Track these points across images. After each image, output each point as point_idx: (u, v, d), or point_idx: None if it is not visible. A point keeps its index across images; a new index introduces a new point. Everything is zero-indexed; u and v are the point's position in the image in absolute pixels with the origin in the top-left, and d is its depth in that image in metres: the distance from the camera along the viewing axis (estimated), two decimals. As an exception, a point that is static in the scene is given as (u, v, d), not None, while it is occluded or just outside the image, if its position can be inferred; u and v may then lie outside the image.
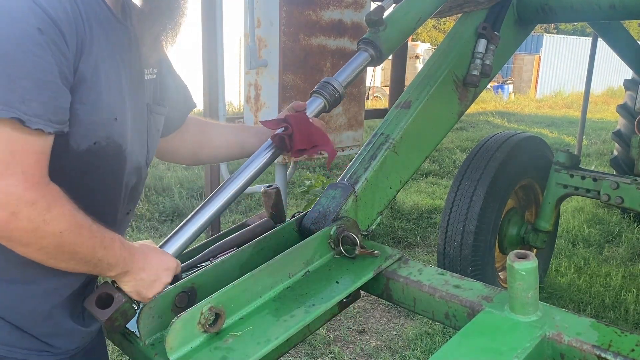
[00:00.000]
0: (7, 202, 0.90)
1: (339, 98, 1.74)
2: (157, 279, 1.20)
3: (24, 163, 0.92)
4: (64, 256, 1.01)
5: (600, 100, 17.29)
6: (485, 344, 1.23)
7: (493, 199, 3.15)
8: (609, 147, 8.85)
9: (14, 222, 0.91)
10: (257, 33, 3.72)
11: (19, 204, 0.91)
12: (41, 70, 0.92)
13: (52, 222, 0.95)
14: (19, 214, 0.91)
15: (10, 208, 0.90)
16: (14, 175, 0.91)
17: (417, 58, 17.75)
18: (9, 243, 0.95)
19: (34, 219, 0.93)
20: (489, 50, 2.35)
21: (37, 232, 0.94)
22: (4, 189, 0.90)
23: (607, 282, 3.93)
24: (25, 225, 0.92)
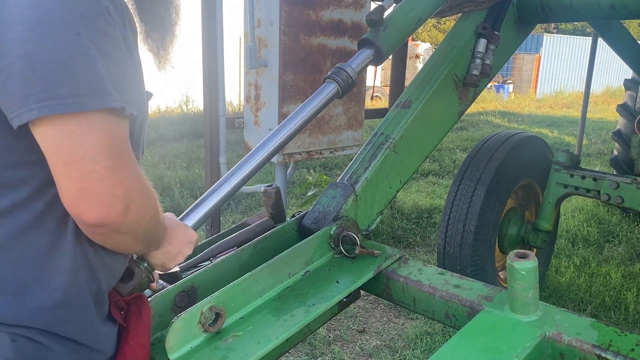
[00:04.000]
0: (125, 195, 0.89)
1: (352, 84, 1.73)
2: (180, 251, 1.20)
3: (127, 151, 0.90)
4: (146, 240, 1.02)
5: (601, 100, 17.29)
6: (485, 343, 1.23)
7: (493, 198, 3.15)
8: (609, 147, 8.84)
9: (127, 215, 0.90)
10: (257, 33, 3.72)
11: (133, 195, 0.90)
12: (117, 51, 0.90)
13: (149, 210, 0.97)
14: (131, 205, 0.90)
15: (126, 201, 0.89)
16: (123, 165, 0.89)
17: (417, 58, 17.74)
18: (112, 235, 0.94)
19: (140, 209, 0.93)
20: (489, 50, 2.35)
21: (140, 221, 0.94)
22: (120, 182, 0.88)
23: (607, 281, 3.93)
24: (134, 217, 0.92)
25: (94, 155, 0.85)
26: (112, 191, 0.87)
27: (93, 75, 0.85)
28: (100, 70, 0.85)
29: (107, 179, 0.86)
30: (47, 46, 0.83)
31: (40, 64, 0.82)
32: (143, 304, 1.18)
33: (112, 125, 0.87)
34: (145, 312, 1.17)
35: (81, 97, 0.83)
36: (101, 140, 0.86)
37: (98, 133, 0.86)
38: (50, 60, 0.83)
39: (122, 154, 0.89)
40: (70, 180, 0.86)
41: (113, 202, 0.88)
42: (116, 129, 0.88)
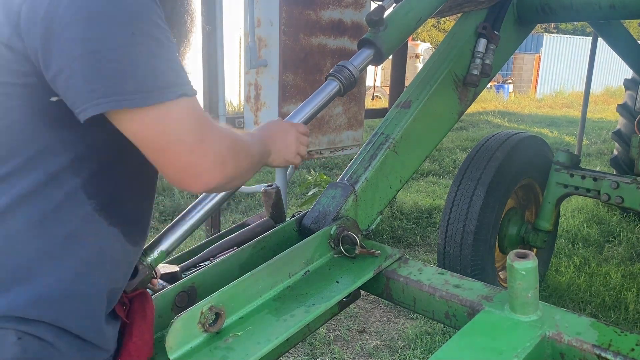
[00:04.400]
0: (216, 159, 0.99)
1: (354, 82, 1.73)
2: (286, 144, 1.38)
3: (206, 123, 0.99)
4: (253, 167, 1.18)
5: (600, 100, 17.28)
6: (485, 343, 1.23)
7: (493, 198, 3.15)
8: (609, 147, 8.84)
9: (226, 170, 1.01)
10: (257, 33, 3.72)
11: (223, 153, 1.01)
12: (169, 38, 0.95)
13: (241, 153, 1.09)
14: (226, 161, 1.01)
15: (219, 161, 0.99)
16: (207, 135, 0.97)
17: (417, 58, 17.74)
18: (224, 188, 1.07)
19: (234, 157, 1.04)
20: (489, 49, 2.35)
21: (238, 167, 1.06)
22: (209, 150, 0.97)
23: (607, 281, 3.93)
24: (232, 167, 1.03)
25: (179, 138, 0.93)
26: (206, 161, 0.97)
27: (153, 68, 0.90)
28: (159, 61, 0.91)
29: (198, 154, 0.96)
30: (105, 43, 0.86)
31: (101, 62, 0.86)
32: (146, 301, 1.19)
33: (183, 107, 0.94)
34: (148, 309, 1.18)
35: (145, 92, 0.89)
36: (180, 123, 0.94)
37: (175, 118, 0.93)
38: (111, 57, 0.86)
39: (202, 126, 0.97)
40: (168, 165, 0.96)
41: (211, 170, 0.98)
42: (188, 108, 0.95)
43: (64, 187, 0.97)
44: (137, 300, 1.18)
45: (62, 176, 0.96)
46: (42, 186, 0.95)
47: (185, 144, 0.94)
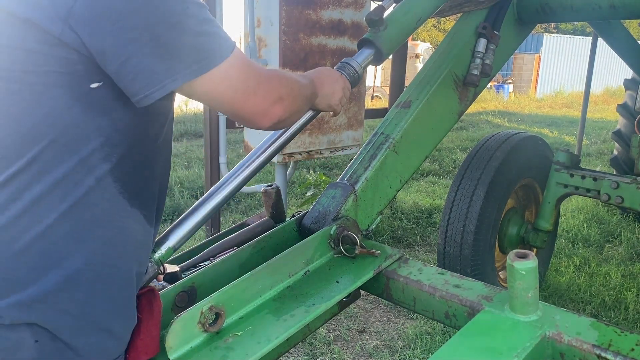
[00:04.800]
0: (273, 96, 1.14)
1: (358, 78, 1.74)
2: (333, 90, 1.51)
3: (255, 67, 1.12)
4: (306, 103, 1.35)
5: (600, 100, 17.28)
6: (485, 343, 1.23)
7: (493, 198, 3.15)
8: (609, 147, 8.84)
9: (284, 103, 1.17)
10: (257, 33, 3.72)
11: (278, 90, 1.16)
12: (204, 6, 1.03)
13: (293, 86, 1.23)
14: (282, 96, 1.16)
15: (277, 97, 1.15)
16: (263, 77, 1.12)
17: (417, 58, 17.74)
18: (283, 123, 1.21)
19: (289, 93, 1.19)
20: (489, 49, 2.35)
21: (294, 99, 1.22)
22: (267, 90, 1.12)
23: (607, 281, 3.93)
24: (288, 100, 1.18)
25: (245, 86, 1.08)
26: (268, 97, 1.13)
27: (209, 33, 1.00)
28: (210, 25, 1.01)
29: (259, 95, 1.11)
30: (168, 24, 0.95)
31: (169, 41, 0.95)
32: (154, 298, 1.20)
33: (237, 59, 1.06)
34: (156, 305, 1.19)
35: (210, 56, 1.01)
36: (241, 73, 1.07)
37: (236, 70, 1.06)
38: (175, 34, 0.96)
39: (254, 72, 1.10)
40: (241, 111, 1.11)
41: (272, 107, 1.14)
42: (240, 58, 1.07)
43: (95, 172, 0.99)
44: (145, 297, 1.19)
45: (93, 162, 0.99)
46: (75, 172, 0.97)
47: (250, 89, 1.08)
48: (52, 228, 0.97)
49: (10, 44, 0.92)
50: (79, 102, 0.95)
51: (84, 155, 0.98)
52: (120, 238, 1.05)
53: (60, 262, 0.98)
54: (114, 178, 1.02)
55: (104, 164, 1.00)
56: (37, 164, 0.95)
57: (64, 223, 0.97)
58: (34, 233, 0.96)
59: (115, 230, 1.04)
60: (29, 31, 0.90)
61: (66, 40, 0.91)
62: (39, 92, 0.93)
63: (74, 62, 0.93)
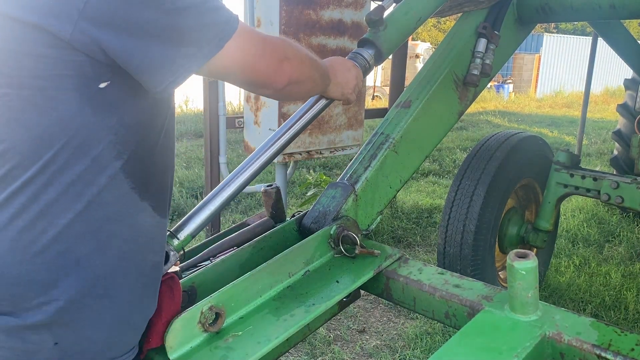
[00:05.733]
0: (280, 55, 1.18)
1: (369, 68, 1.75)
2: (347, 79, 1.51)
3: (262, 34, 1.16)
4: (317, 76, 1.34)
5: (600, 100, 17.28)
6: (485, 343, 1.23)
7: (493, 198, 3.15)
8: (609, 147, 8.84)
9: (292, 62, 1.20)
10: (257, 32, 3.72)
11: (282, 51, 1.19)
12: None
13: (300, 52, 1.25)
14: (288, 56, 1.20)
15: (283, 56, 1.18)
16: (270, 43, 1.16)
17: (417, 57, 17.73)
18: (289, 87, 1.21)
19: (295, 55, 1.22)
20: (489, 49, 2.35)
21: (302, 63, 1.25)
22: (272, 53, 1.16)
23: (607, 281, 3.93)
24: (296, 61, 1.22)
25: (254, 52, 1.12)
26: (275, 57, 1.17)
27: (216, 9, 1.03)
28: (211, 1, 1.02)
29: (267, 55, 1.15)
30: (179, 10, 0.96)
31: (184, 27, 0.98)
32: (175, 284, 1.24)
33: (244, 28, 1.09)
34: (176, 290, 1.23)
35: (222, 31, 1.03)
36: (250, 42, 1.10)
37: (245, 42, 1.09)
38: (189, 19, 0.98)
39: (259, 35, 1.14)
40: (257, 76, 1.15)
41: (281, 62, 1.18)
42: (246, 27, 1.10)
43: (107, 170, 1.01)
44: (166, 283, 1.22)
45: (105, 160, 1.00)
46: (88, 172, 0.99)
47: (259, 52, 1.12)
48: (69, 228, 0.98)
49: (19, 49, 0.92)
50: (89, 103, 0.97)
51: (96, 154, 0.99)
52: (134, 232, 1.07)
53: (78, 261, 1.00)
54: (126, 174, 1.03)
55: (116, 161, 1.01)
56: (51, 167, 0.96)
57: (79, 222, 0.99)
58: (51, 234, 0.97)
59: (129, 225, 1.06)
60: (38, 36, 0.91)
61: (75, 44, 0.91)
62: (51, 97, 0.94)
63: (83, 64, 0.94)
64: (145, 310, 1.14)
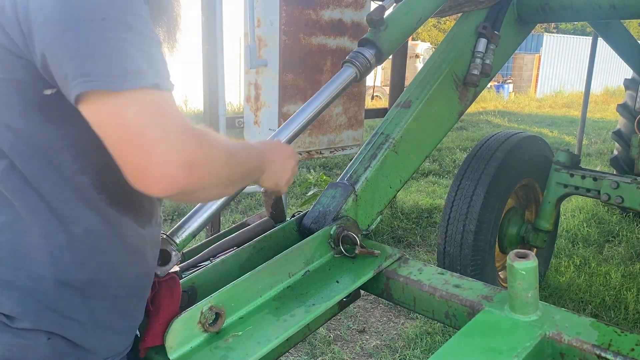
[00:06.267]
0: (181, 159, 0.88)
1: (370, 68, 1.75)
2: (284, 167, 1.27)
3: (175, 120, 0.90)
4: (235, 180, 1.07)
5: (601, 100, 17.28)
6: (485, 343, 1.23)
7: (493, 198, 3.15)
8: (609, 147, 8.84)
9: (193, 174, 0.90)
10: (257, 32, 3.72)
11: (191, 155, 0.90)
12: (150, 31, 0.91)
13: (218, 157, 0.98)
14: (195, 163, 0.90)
15: (185, 163, 0.89)
16: (173, 133, 0.88)
17: (417, 57, 17.73)
18: (191, 196, 0.97)
19: (207, 163, 0.94)
20: (489, 49, 2.35)
21: (211, 173, 0.96)
22: (172, 149, 0.87)
23: (607, 281, 3.93)
24: (203, 172, 0.93)
25: (140, 131, 0.86)
26: (167, 160, 0.87)
27: (123, 56, 0.86)
28: (130, 50, 0.86)
29: (157, 151, 0.86)
30: (76, 26, 0.84)
31: (70, 45, 0.84)
32: (175, 284, 1.23)
33: (150, 97, 0.88)
34: (176, 291, 1.22)
35: (113, 77, 0.84)
36: (144, 114, 0.86)
37: (136, 110, 0.86)
38: (81, 42, 0.84)
39: (167, 122, 0.88)
40: (126, 159, 0.88)
41: (172, 171, 0.88)
42: (156, 100, 0.89)
43: (77, 187, 0.98)
44: (167, 283, 1.22)
45: (72, 175, 0.97)
46: (59, 188, 0.97)
47: (146, 138, 0.86)
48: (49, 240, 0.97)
49: None
50: (35, 111, 0.92)
51: (61, 169, 0.96)
52: (114, 245, 1.05)
53: (59, 272, 0.98)
54: (97, 190, 1.00)
55: (83, 176, 0.98)
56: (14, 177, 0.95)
57: (58, 235, 0.98)
58: (33, 243, 0.97)
59: (108, 239, 1.03)
60: None
61: (9, 47, 0.89)
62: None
63: (16, 68, 0.90)
64: (130, 317, 1.13)
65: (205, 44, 3.93)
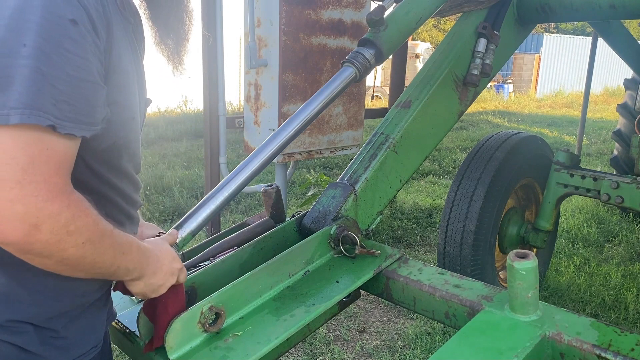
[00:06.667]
0: (27, 214, 0.81)
1: (370, 68, 1.75)
2: (163, 283, 1.15)
3: (45, 171, 0.83)
4: (85, 266, 0.94)
5: (601, 100, 17.28)
6: (485, 343, 1.23)
7: (493, 198, 3.15)
8: (609, 147, 8.85)
9: (35, 235, 0.83)
10: (257, 32, 3.72)
11: (41, 215, 0.83)
12: (75, 68, 0.85)
13: (75, 234, 0.88)
14: (41, 226, 0.83)
15: (30, 220, 0.82)
16: (33, 183, 0.82)
17: (417, 57, 17.74)
18: (26, 256, 0.87)
19: (58, 231, 0.85)
20: (489, 49, 2.35)
21: (59, 244, 0.86)
22: (22, 199, 0.81)
23: (607, 281, 3.93)
24: (48, 238, 0.84)
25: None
26: (12, 207, 0.81)
27: (27, 88, 0.81)
28: (38, 84, 0.81)
29: (4, 192, 0.80)
30: None
31: None
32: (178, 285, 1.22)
33: (34, 141, 0.82)
34: (180, 291, 1.22)
35: (8, 109, 0.79)
36: (12, 152, 0.80)
37: (13, 145, 0.80)
38: None
39: (37, 172, 0.82)
40: None
41: (10, 220, 0.81)
42: (39, 146, 0.82)
43: None
44: None
45: None
46: None
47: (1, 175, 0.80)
48: None
49: None
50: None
51: None
52: None
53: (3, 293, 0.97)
54: None
55: None
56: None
57: None
58: None
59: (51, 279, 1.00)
60: None
61: None
62: None
63: None
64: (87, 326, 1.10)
65: (205, 44, 3.93)
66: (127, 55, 1.04)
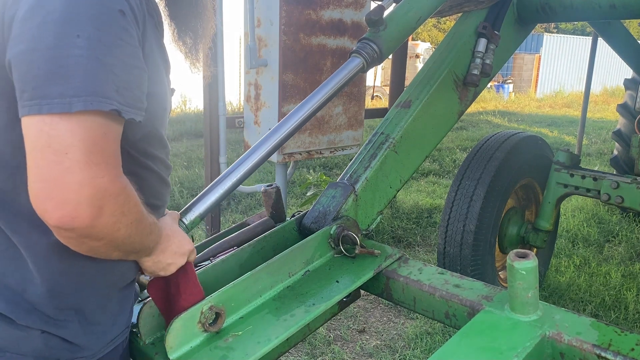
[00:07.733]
0: (95, 196, 0.83)
1: (377, 58, 1.74)
2: (173, 262, 1.17)
3: (107, 153, 0.86)
4: (126, 246, 0.96)
5: (601, 100, 17.28)
6: (485, 343, 1.23)
7: (493, 198, 3.15)
8: (609, 147, 8.84)
9: (99, 218, 0.85)
10: (257, 32, 3.72)
11: (105, 196, 0.84)
12: (128, 55, 0.89)
13: (128, 214, 0.91)
14: (104, 207, 0.85)
15: (97, 202, 0.83)
16: (98, 165, 0.83)
17: (417, 57, 17.73)
18: (82, 240, 0.88)
19: (115, 212, 0.87)
20: (489, 49, 2.35)
21: (115, 225, 0.88)
22: (90, 181, 0.82)
23: (607, 281, 3.93)
24: (107, 220, 0.86)
25: (64, 146, 0.81)
26: (79, 190, 0.82)
27: (87, 76, 0.82)
28: (98, 72, 0.83)
29: (73, 175, 0.81)
30: (45, 45, 0.82)
31: (36, 62, 0.82)
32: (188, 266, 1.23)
33: (96, 126, 0.84)
34: (188, 266, 1.22)
35: (70, 97, 0.81)
36: (78, 136, 0.82)
37: (77, 129, 0.82)
38: (46, 58, 0.82)
39: (100, 154, 0.84)
40: (35, 169, 0.82)
41: (80, 202, 0.82)
42: (100, 130, 0.85)
43: None
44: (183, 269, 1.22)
45: None
46: None
47: (66, 156, 0.81)
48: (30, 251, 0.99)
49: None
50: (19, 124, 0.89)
51: None
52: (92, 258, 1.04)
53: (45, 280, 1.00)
54: None
55: None
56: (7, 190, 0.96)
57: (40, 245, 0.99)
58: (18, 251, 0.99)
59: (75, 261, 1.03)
60: None
61: None
62: None
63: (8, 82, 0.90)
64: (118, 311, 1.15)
65: (205, 44, 3.92)
66: (156, 48, 1.08)
